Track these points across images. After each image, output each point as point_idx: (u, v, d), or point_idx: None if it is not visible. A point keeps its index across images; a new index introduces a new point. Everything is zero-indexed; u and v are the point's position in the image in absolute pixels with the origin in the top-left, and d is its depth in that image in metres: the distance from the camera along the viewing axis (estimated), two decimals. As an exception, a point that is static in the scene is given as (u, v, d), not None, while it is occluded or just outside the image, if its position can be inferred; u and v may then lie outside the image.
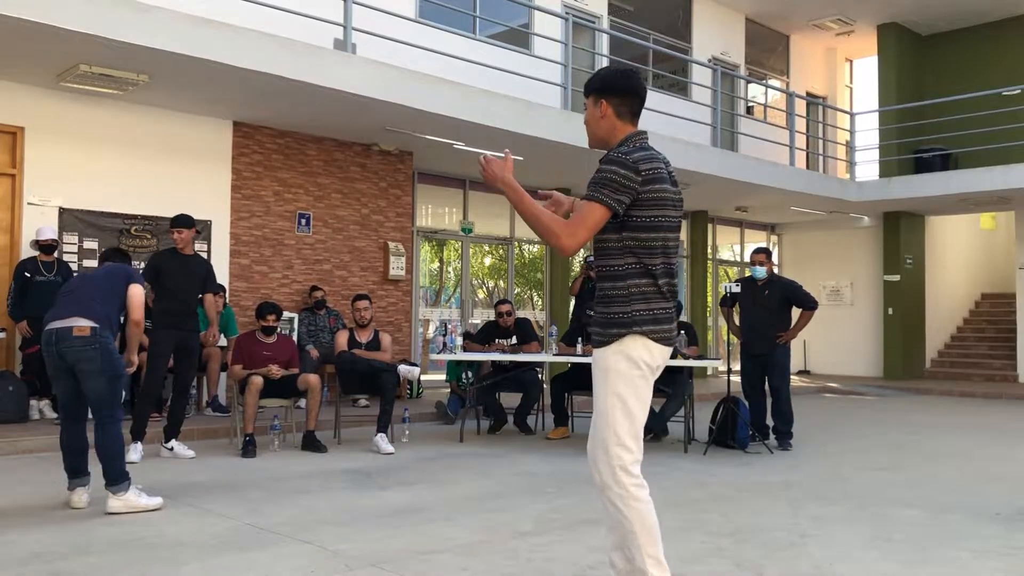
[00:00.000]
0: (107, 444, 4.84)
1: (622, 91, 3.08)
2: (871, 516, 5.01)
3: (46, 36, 6.79)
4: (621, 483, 2.98)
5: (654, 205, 2.96)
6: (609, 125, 3.10)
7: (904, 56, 16.56)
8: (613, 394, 2.98)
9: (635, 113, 3.12)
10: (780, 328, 7.86)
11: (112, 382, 4.89)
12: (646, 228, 2.96)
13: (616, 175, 2.90)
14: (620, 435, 2.98)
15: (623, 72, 3.14)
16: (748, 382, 8.03)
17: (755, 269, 7.96)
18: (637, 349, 2.97)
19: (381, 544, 4.24)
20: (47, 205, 8.42)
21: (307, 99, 8.64)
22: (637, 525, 2.98)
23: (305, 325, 9.86)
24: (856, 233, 17.15)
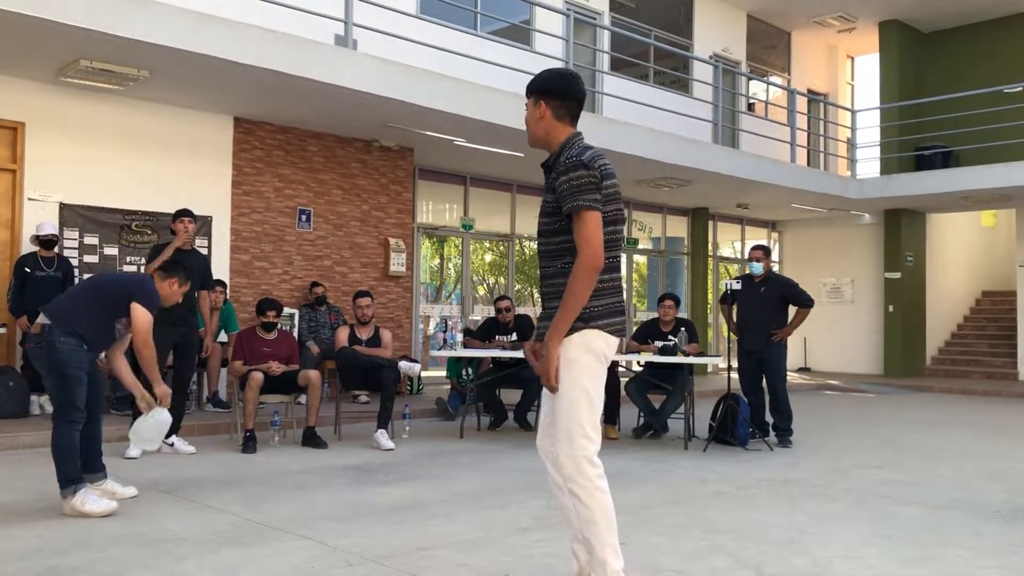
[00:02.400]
0: (53, 446, 4.67)
1: (561, 94, 3.17)
2: (870, 513, 5.01)
3: (47, 31, 6.78)
4: (586, 474, 3.06)
5: (609, 200, 3.06)
6: (548, 126, 3.19)
7: (906, 53, 16.55)
8: (580, 387, 3.06)
9: (574, 116, 3.20)
10: (776, 325, 7.85)
11: (61, 382, 4.66)
12: (608, 222, 3.06)
13: (584, 178, 3.00)
14: (584, 426, 3.06)
15: (563, 75, 3.21)
16: (746, 379, 8.05)
17: (752, 265, 7.98)
18: (597, 342, 3.06)
19: (381, 540, 4.24)
20: (48, 200, 8.42)
21: (308, 95, 8.63)
22: (599, 515, 3.06)
23: (306, 321, 9.86)
24: (857, 230, 17.15)
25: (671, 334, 7.97)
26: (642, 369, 8.24)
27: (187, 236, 6.88)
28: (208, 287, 7.10)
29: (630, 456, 7.03)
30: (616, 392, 8.18)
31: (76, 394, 4.68)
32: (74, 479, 4.66)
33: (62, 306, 4.81)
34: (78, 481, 4.67)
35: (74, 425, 4.69)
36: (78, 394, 4.69)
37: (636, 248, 15.51)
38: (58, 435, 4.65)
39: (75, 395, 4.68)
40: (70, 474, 4.65)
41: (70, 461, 4.66)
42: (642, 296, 16.44)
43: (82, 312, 4.78)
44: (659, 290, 15.34)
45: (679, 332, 7.86)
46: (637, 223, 15.41)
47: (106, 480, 5.04)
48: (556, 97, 3.17)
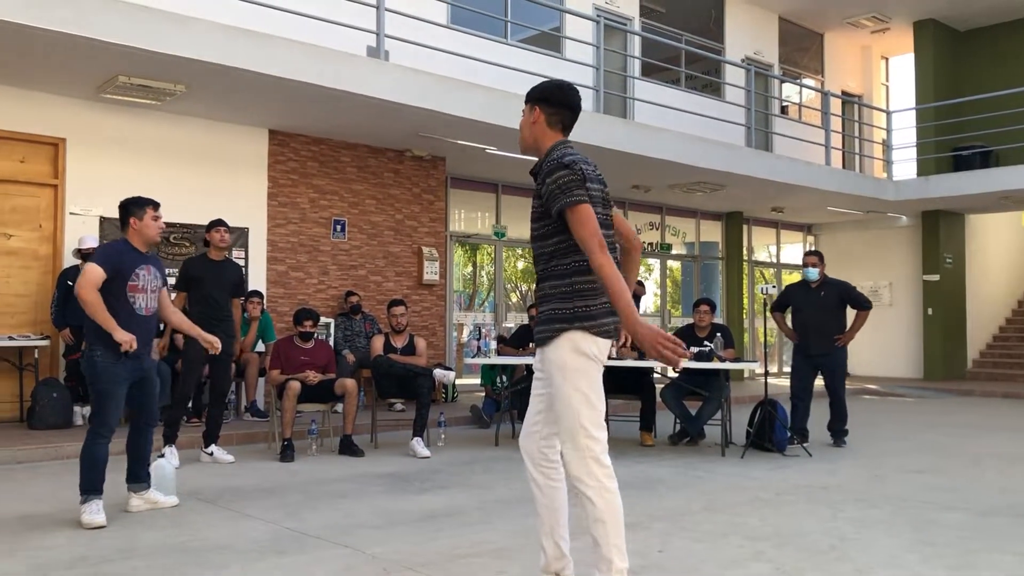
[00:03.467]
0: (81, 452, 4.79)
1: (556, 102, 3.28)
2: (912, 519, 4.94)
3: (87, 49, 6.92)
4: (594, 474, 3.10)
5: (594, 203, 3.13)
6: (539, 131, 3.30)
7: (941, 52, 16.32)
8: (575, 390, 3.11)
9: (566, 125, 3.31)
10: (837, 329, 7.98)
11: (94, 396, 4.75)
12: None
13: (566, 177, 3.08)
14: (587, 427, 3.11)
15: (561, 85, 3.34)
16: (800, 383, 8.07)
17: (808, 271, 8.08)
18: (584, 343, 3.11)
19: (418, 547, 4.26)
20: (88, 214, 8.58)
21: (341, 106, 8.72)
22: (607, 515, 3.10)
23: (341, 330, 9.93)
24: (894, 233, 16.93)
25: (707, 339, 7.92)
26: (678, 375, 8.20)
27: (224, 245, 6.94)
28: (240, 295, 7.15)
29: (667, 463, 6.99)
30: (652, 398, 8.14)
31: (106, 409, 4.72)
32: (87, 489, 4.72)
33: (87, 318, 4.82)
34: (91, 492, 4.72)
35: (100, 439, 4.74)
36: (109, 409, 4.73)
37: (670, 253, 15.44)
38: (85, 444, 4.76)
39: (105, 410, 4.72)
40: (84, 483, 4.73)
41: (88, 471, 4.73)
42: (676, 302, 16.35)
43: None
44: (694, 295, 15.26)
45: (715, 337, 7.80)
46: (671, 228, 15.35)
47: (149, 490, 5.09)
48: (551, 105, 3.28)
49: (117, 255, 4.81)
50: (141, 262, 4.87)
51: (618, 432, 8.69)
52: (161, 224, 5.01)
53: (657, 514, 5.06)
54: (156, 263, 5.00)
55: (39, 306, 8.31)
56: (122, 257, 4.81)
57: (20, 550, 4.19)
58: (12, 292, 8.28)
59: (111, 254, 4.82)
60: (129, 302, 4.78)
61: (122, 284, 4.76)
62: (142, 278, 4.84)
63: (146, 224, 4.91)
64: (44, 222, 8.44)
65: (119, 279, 4.75)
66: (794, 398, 8.02)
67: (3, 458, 6.63)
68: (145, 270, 4.87)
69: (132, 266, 4.81)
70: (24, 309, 8.32)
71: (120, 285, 4.75)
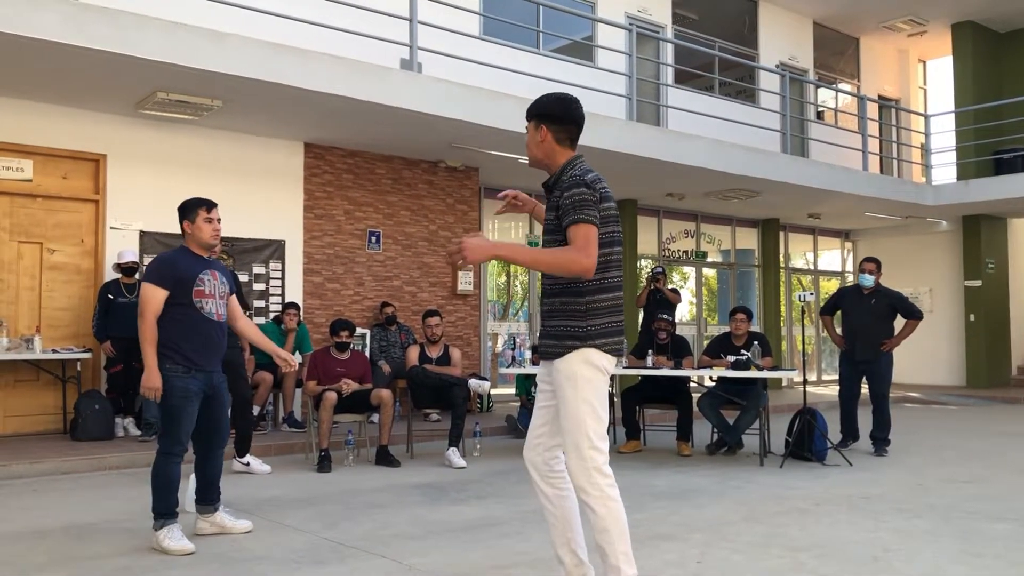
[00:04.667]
0: (151, 473, 4.54)
1: (560, 119, 3.29)
2: (957, 530, 4.84)
3: (126, 66, 7.05)
4: (597, 484, 3.15)
5: (608, 222, 3.20)
6: (548, 149, 3.31)
7: (980, 55, 16.07)
8: (584, 401, 3.17)
9: (573, 139, 3.32)
10: (884, 336, 8.06)
11: (162, 413, 4.52)
12: (602, 244, 3.17)
13: (585, 195, 3.12)
14: (592, 438, 3.16)
15: (562, 99, 3.33)
16: (846, 388, 8.21)
17: (864, 277, 8.15)
18: (597, 357, 3.19)
19: (456, 559, 4.26)
20: (128, 229, 8.72)
21: (375, 119, 8.78)
22: (611, 524, 3.15)
23: (377, 341, 9.99)
24: (934, 238, 16.67)
25: (744, 348, 7.85)
26: (715, 384, 8.13)
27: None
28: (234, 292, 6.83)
29: (704, 473, 6.93)
30: (688, 408, 8.08)
31: (178, 425, 4.49)
32: (162, 513, 4.47)
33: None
34: (166, 516, 4.47)
35: (172, 457, 4.50)
36: (180, 425, 4.50)
37: (705, 261, 15.34)
38: (155, 464, 4.51)
39: (176, 427, 4.49)
40: (158, 506, 4.48)
41: (161, 493, 4.49)
42: (712, 310, 16.23)
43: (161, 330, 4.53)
44: (730, 304, 15.13)
45: (752, 346, 7.73)
46: (706, 236, 15.25)
47: (216, 512, 4.81)
48: (556, 121, 3.29)
49: (170, 266, 4.57)
50: (202, 267, 4.63)
51: (655, 442, 8.63)
52: (216, 225, 4.70)
53: (695, 525, 5.01)
54: (220, 268, 4.77)
55: (81, 319, 8.45)
56: (177, 265, 4.58)
57: (64, 560, 4.25)
58: (55, 306, 8.43)
59: (163, 267, 4.58)
60: (197, 308, 4.56)
61: (186, 291, 4.54)
62: (207, 283, 4.61)
63: (198, 226, 4.65)
64: (86, 237, 8.60)
65: (181, 288, 4.53)
66: (843, 404, 8.20)
67: (47, 469, 6.74)
68: (210, 275, 4.63)
69: (192, 272, 4.57)
70: (67, 322, 8.47)
71: (184, 292, 4.54)
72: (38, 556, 4.32)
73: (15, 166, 8.22)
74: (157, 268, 4.59)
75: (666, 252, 14.55)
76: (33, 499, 5.81)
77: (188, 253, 4.68)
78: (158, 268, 4.58)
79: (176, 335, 4.51)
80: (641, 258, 13.91)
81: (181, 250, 4.70)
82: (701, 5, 14.33)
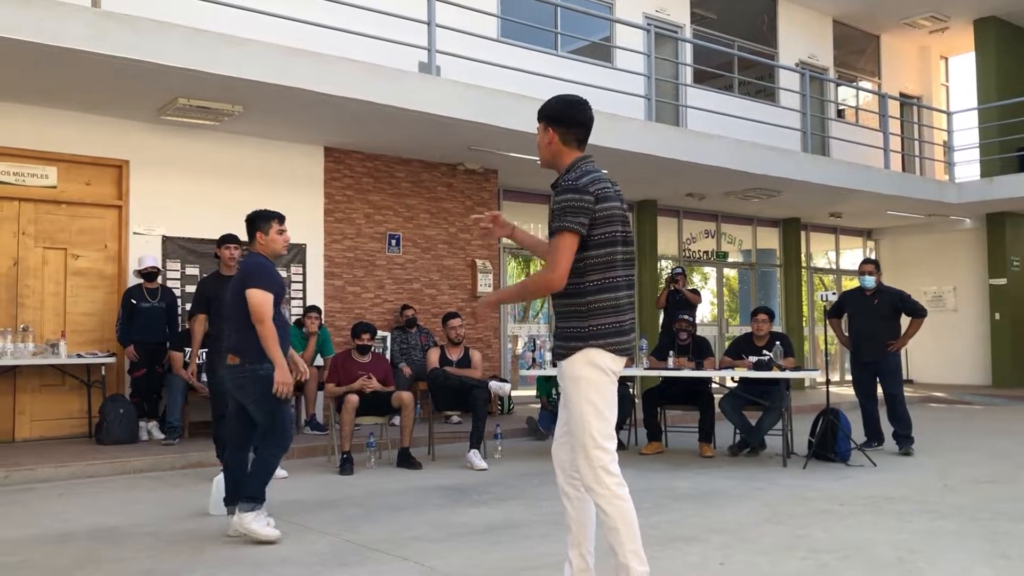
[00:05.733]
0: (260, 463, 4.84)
1: (567, 121, 3.36)
2: (985, 531, 4.79)
3: (148, 73, 7.11)
4: (603, 483, 3.18)
5: (606, 222, 3.22)
6: (556, 150, 3.38)
7: (1004, 50, 15.90)
8: (587, 401, 3.21)
9: (580, 140, 3.38)
10: (890, 336, 8.10)
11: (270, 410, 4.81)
12: (602, 244, 3.22)
13: (572, 201, 3.16)
14: (596, 438, 3.19)
15: (569, 102, 3.40)
16: (861, 389, 8.28)
17: (864, 279, 8.17)
18: (600, 357, 3.22)
19: (477, 561, 4.26)
20: (151, 234, 8.80)
21: (394, 122, 8.81)
22: (620, 522, 3.16)
23: (397, 343, 10.01)
24: (957, 236, 16.51)
25: (766, 349, 7.80)
26: (737, 385, 8.09)
27: (234, 262, 6.71)
28: None
29: (727, 474, 6.89)
30: (710, 409, 8.05)
31: (285, 419, 4.83)
32: (257, 497, 4.72)
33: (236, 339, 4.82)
34: (260, 500, 4.74)
35: (281, 451, 4.83)
36: (287, 419, 4.85)
37: (726, 261, 15.27)
38: (264, 455, 4.78)
39: (284, 420, 4.82)
40: (255, 491, 4.73)
41: (264, 479, 4.79)
42: (734, 311, 16.15)
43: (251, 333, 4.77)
44: (751, 304, 15.04)
45: (774, 346, 7.68)
46: (726, 236, 15.18)
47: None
48: (563, 124, 3.35)
49: (276, 274, 4.91)
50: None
51: (677, 443, 8.60)
52: (287, 237, 5.04)
53: (717, 527, 4.99)
54: None
55: (105, 324, 8.54)
56: (276, 273, 4.93)
57: (89, 563, 4.29)
58: (79, 311, 8.52)
59: (273, 274, 4.86)
60: (282, 315, 4.91)
61: (279, 301, 4.84)
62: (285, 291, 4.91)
63: (272, 238, 4.96)
64: (109, 242, 8.68)
65: (277, 297, 4.85)
66: (862, 405, 8.22)
67: (72, 473, 6.80)
68: None
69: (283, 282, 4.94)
70: (91, 327, 8.55)
71: (277, 302, 4.84)
72: (63, 559, 4.37)
73: (39, 173, 8.31)
74: (264, 275, 4.83)
75: (686, 252, 14.49)
76: (58, 502, 5.87)
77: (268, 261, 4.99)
78: (267, 275, 4.83)
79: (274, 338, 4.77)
80: (661, 259, 13.86)
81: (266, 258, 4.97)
82: (719, 4, 14.27)
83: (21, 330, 7.97)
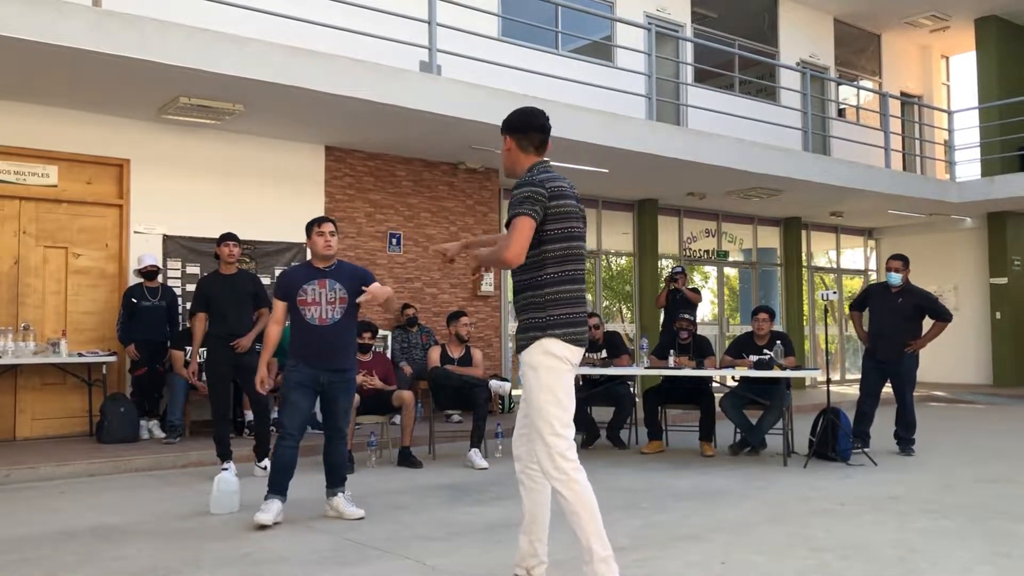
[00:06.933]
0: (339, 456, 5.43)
1: (522, 127, 3.61)
2: (986, 531, 4.79)
3: (149, 72, 7.11)
4: (561, 468, 3.31)
5: (562, 218, 3.42)
6: (514, 157, 3.62)
7: (1005, 50, 15.89)
8: (546, 389, 3.38)
9: (538, 146, 3.61)
10: (910, 336, 7.86)
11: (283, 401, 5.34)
12: (557, 239, 3.42)
13: (527, 192, 3.39)
14: (554, 425, 3.35)
15: (523, 111, 3.67)
16: (867, 388, 8.02)
17: (891, 275, 7.94)
18: (555, 346, 3.40)
19: (479, 559, 4.26)
20: (152, 233, 8.80)
21: (395, 121, 8.81)
22: (579, 506, 3.28)
23: (398, 343, 10.01)
24: (958, 235, 16.51)
25: (766, 348, 7.80)
26: (737, 384, 8.09)
27: (233, 260, 6.71)
28: (263, 304, 6.74)
29: (727, 473, 6.90)
30: (711, 408, 8.05)
31: (282, 412, 5.32)
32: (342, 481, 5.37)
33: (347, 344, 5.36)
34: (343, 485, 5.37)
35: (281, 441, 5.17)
36: (283, 412, 5.29)
37: (727, 260, 15.27)
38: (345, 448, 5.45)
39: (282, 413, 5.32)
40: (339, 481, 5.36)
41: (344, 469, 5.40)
42: (735, 310, 16.15)
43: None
44: (752, 303, 15.04)
45: (775, 345, 7.68)
46: (727, 235, 15.17)
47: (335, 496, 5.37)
48: (518, 131, 3.60)
49: (286, 278, 5.35)
50: (314, 277, 5.25)
51: (677, 442, 8.60)
52: (327, 238, 5.29)
53: (718, 526, 4.99)
54: (337, 276, 5.29)
55: (106, 323, 8.54)
56: (291, 279, 5.30)
57: (90, 561, 4.29)
58: (80, 310, 8.52)
59: (280, 280, 5.41)
60: (301, 315, 5.20)
61: (293, 300, 5.22)
62: (310, 292, 5.20)
63: (313, 241, 5.31)
64: (110, 241, 8.68)
65: (291, 299, 5.23)
66: (860, 402, 7.99)
67: (74, 471, 6.81)
68: (318, 284, 5.22)
69: (299, 283, 5.23)
70: (92, 326, 8.56)
71: (292, 301, 5.23)
72: (65, 556, 4.37)
73: (40, 172, 8.32)
74: (278, 280, 5.47)
75: (687, 252, 14.49)
76: (60, 501, 5.87)
77: (308, 266, 5.39)
78: (278, 280, 5.45)
79: (292, 337, 5.27)
80: (662, 258, 13.86)
81: (303, 264, 5.50)
82: (720, 3, 14.27)
83: (22, 329, 7.97)
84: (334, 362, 5.21)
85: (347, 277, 5.30)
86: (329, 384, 5.22)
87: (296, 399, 5.15)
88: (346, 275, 5.31)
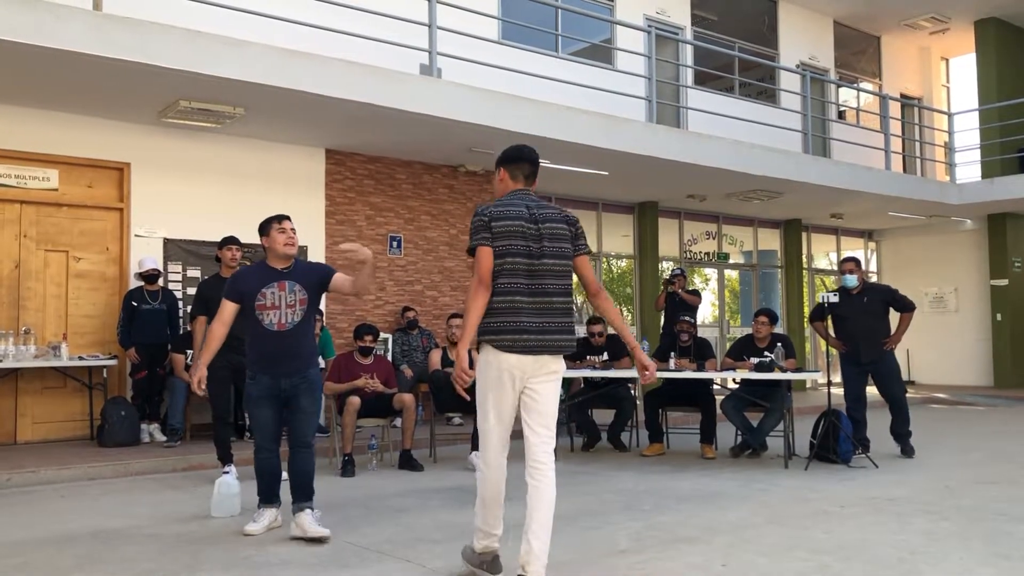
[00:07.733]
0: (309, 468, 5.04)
1: (510, 159, 4.02)
2: (986, 532, 4.79)
3: (149, 75, 7.12)
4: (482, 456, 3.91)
5: (502, 236, 3.78)
6: (504, 187, 4.01)
7: (1005, 51, 15.90)
8: (481, 386, 3.83)
9: (527, 176, 4.04)
10: (884, 334, 7.87)
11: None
12: (500, 255, 3.78)
13: (474, 224, 3.83)
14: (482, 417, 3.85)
15: (514, 145, 4.10)
16: (853, 393, 7.93)
17: (846, 278, 7.98)
18: (488, 351, 3.79)
19: (479, 562, 4.25)
20: (152, 236, 8.81)
21: (395, 124, 8.82)
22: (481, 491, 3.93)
23: (399, 345, 10.01)
24: (959, 237, 16.50)
25: (767, 350, 7.80)
26: (738, 386, 8.09)
27: (235, 263, 6.73)
28: None
29: (728, 475, 6.89)
30: (712, 410, 8.05)
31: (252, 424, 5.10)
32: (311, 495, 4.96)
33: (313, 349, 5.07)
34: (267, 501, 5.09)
35: (256, 453, 5.02)
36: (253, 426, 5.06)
37: (727, 263, 15.27)
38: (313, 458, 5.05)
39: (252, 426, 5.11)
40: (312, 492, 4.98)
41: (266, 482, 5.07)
42: (735, 312, 16.14)
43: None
44: (753, 305, 15.05)
45: (775, 348, 7.68)
46: (728, 237, 15.18)
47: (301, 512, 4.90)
48: (508, 162, 4.01)
49: (239, 281, 4.93)
50: (271, 279, 4.86)
51: (678, 445, 8.60)
52: (289, 235, 4.92)
53: (719, 528, 4.99)
54: (295, 277, 4.91)
55: (107, 326, 8.54)
56: (245, 281, 4.89)
57: (91, 564, 4.29)
58: (81, 313, 8.53)
59: (234, 281, 4.97)
60: (258, 320, 4.83)
61: (250, 305, 4.84)
62: (269, 296, 4.82)
63: (272, 239, 4.92)
64: (111, 244, 8.69)
65: (246, 301, 4.86)
66: (849, 409, 7.83)
67: (75, 475, 6.81)
68: (277, 287, 4.84)
69: (256, 287, 4.83)
70: (92, 329, 8.56)
71: (249, 306, 4.85)
72: (66, 560, 4.37)
73: (41, 175, 8.33)
74: (230, 281, 5.02)
75: (688, 254, 14.49)
76: (61, 504, 5.88)
77: (263, 267, 4.95)
78: (230, 281, 5.01)
79: (248, 345, 4.95)
80: (663, 260, 13.86)
81: (258, 264, 5.01)
82: (720, 6, 14.28)
83: (23, 332, 7.98)
84: (293, 367, 4.84)
85: (305, 275, 4.94)
86: (291, 387, 4.85)
87: (260, 414, 4.88)
88: (303, 273, 4.95)
